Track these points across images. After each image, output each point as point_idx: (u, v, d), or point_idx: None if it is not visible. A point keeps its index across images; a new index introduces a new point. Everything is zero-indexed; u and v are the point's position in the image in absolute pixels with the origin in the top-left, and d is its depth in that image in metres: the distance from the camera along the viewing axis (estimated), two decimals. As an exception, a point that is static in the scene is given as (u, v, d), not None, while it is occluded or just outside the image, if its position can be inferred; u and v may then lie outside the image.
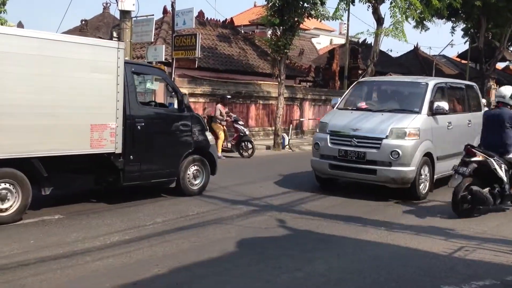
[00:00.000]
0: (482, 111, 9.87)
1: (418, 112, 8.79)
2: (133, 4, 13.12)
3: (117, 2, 12.87)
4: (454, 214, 7.53)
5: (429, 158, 8.80)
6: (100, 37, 21.13)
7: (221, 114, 14.26)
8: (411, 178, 8.40)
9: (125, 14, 13.21)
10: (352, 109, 9.53)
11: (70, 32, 23.49)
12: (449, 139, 9.35)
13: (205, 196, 8.54)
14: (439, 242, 6.13)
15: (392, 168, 8.30)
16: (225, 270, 5.01)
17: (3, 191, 6.40)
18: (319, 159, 9.06)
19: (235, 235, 6.25)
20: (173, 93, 8.97)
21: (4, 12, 20.45)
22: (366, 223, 7.04)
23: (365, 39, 31.80)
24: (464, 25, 32.93)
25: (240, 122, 14.83)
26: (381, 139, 8.38)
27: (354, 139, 8.55)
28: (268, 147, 16.71)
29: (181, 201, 8.18)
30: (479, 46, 32.40)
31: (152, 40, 16.23)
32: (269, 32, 20.01)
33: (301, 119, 21.46)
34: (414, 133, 8.48)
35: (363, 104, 9.60)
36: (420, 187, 8.63)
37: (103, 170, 7.64)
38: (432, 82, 9.46)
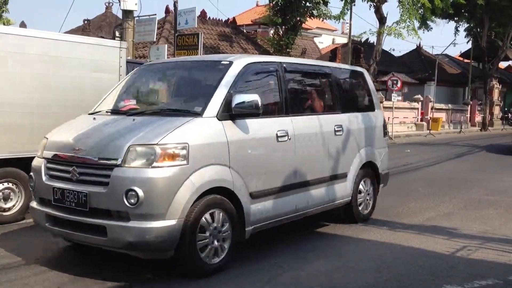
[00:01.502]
0: (378, 110, 7.48)
1: (199, 114, 4.83)
2: (136, 4, 13.14)
3: (119, 2, 12.89)
4: (457, 213, 7.53)
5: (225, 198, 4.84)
6: (103, 37, 21.16)
7: None
8: (171, 241, 4.47)
9: (127, 13, 13.24)
10: (108, 112, 5.56)
11: (72, 31, 23.54)
12: (284, 160, 5.55)
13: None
14: (442, 242, 6.12)
15: (129, 223, 4.36)
16: (226, 269, 5.00)
17: (6, 190, 6.43)
18: (37, 205, 5.08)
19: (237, 235, 6.23)
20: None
21: (6, 12, 20.50)
22: (368, 222, 7.03)
23: (367, 39, 31.85)
24: (467, 25, 32.86)
25: None
26: (110, 167, 4.47)
27: (75, 167, 4.70)
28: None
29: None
30: (481, 45, 32.34)
31: (155, 40, 16.27)
32: (272, 32, 20.04)
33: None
34: (176, 154, 4.48)
35: (127, 103, 5.74)
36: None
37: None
38: (241, 61, 5.41)
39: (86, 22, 22.58)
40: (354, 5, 20.39)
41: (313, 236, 6.34)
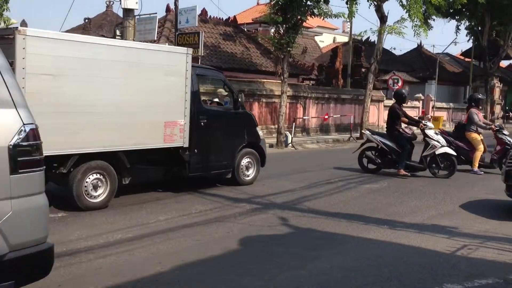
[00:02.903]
0: None
1: None
2: (136, 2, 13.15)
3: (120, 1, 12.90)
4: (457, 212, 7.55)
5: None
6: (103, 35, 21.15)
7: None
8: None
9: (128, 12, 13.25)
10: None
11: (73, 30, 23.52)
12: None
13: (207, 194, 8.56)
14: (442, 241, 6.12)
15: None
16: (227, 268, 5.02)
17: (95, 180, 7.27)
18: None
19: (238, 233, 6.25)
20: (229, 93, 9.77)
21: (7, 10, 20.51)
22: (368, 221, 7.04)
23: (368, 37, 31.80)
24: (468, 23, 32.81)
25: (505, 132, 12.11)
26: None
27: None
28: (271, 145, 16.72)
29: (184, 199, 8.20)
30: (483, 44, 32.30)
31: (155, 38, 16.26)
32: (272, 30, 20.01)
33: (304, 117, 21.45)
34: None
35: None
36: None
37: (172, 162, 8.55)
38: None
39: (86, 20, 22.57)
40: (359, 2, 20.31)
41: (314, 235, 6.34)
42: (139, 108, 7.64)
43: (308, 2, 17.84)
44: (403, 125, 11.79)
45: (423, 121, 11.79)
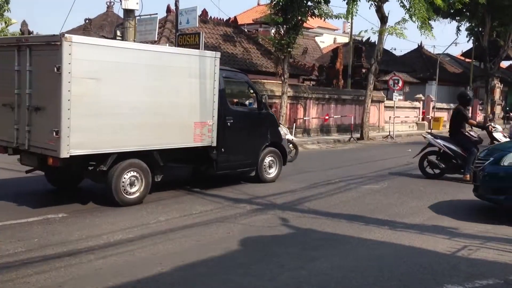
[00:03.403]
0: None
1: None
2: (137, 3, 13.14)
3: (120, 1, 12.89)
4: (458, 213, 7.54)
5: None
6: (104, 36, 21.16)
7: None
8: None
9: (128, 13, 13.23)
10: None
11: (73, 31, 23.52)
12: None
13: (208, 195, 8.57)
14: (443, 241, 6.12)
15: None
16: (228, 268, 5.02)
17: (132, 178, 7.65)
18: None
19: (238, 234, 6.26)
20: (254, 94, 10.22)
21: (8, 11, 20.51)
22: (369, 222, 7.04)
23: (368, 38, 31.83)
24: (469, 24, 32.81)
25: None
26: None
27: None
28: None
29: (184, 199, 8.20)
30: (483, 45, 32.30)
31: (156, 39, 16.24)
32: (273, 31, 20.01)
33: (305, 118, 21.45)
34: None
35: None
36: None
37: (200, 161, 8.98)
38: None
39: (87, 21, 22.57)
40: (359, 2, 20.28)
41: (314, 236, 6.34)
42: (171, 109, 8.06)
43: (309, 3, 17.85)
44: (467, 128, 11.29)
45: (492, 124, 11.57)
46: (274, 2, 17.59)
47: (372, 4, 20.40)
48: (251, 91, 10.29)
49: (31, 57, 7.20)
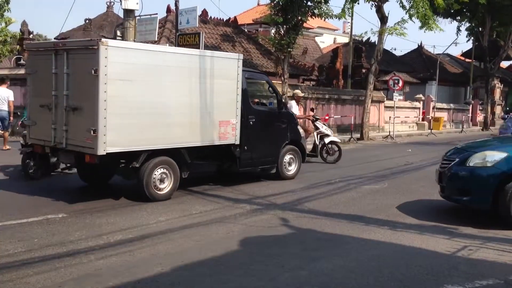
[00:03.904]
0: None
1: None
2: (137, 3, 13.13)
3: (120, 1, 12.88)
4: (458, 213, 7.53)
5: None
6: (104, 36, 21.16)
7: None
8: None
9: (128, 13, 13.23)
10: None
11: (73, 31, 23.54)
12: None
13: (208, 195, 8.56)
14: (443, 241, 6.12)
15: None
16: (228, 268, 5.02)
17: (162, 174, 8.02)
18: None
19: (238, 234, 6.25)
20: (273, 94, 10.55)
21: (8, 11, 20.50)
22: (369, 222, 7.03)
23: (368, 38, 31.81)
24: (469, 24, 32.79)
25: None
26: None
27: None
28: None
29: (184, 200, 8.20)
30: (483, 45, 32.29)
31: (156, 39, 16.25)
32: (273, 31, 20.01)
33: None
34: None
35: None
36: None
37: (224, 158, 9.38)
38: None
39: (87, 21, 22.58)
40: (358, 3, 20.27)
41: (315, 236, 6.34)
42: (198, 109, 8.47)
43: (309, 3, 17.84)
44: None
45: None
46: (274, 2, 17.60)
47: (372, 4, 20.40)
48: (271, 91, 10.63)
49: (68, 61, 7.60)
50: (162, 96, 7.93)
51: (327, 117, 22.41)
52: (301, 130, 10.87)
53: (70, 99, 7.62)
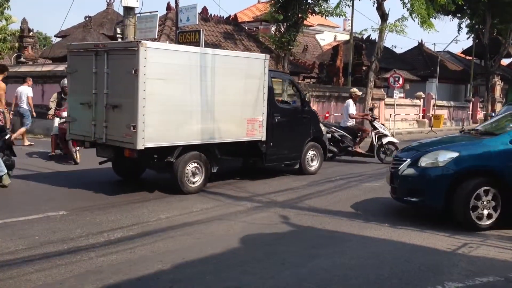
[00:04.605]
0: None
1: None
2: (137, 1, 13.13)
3: (120, -1, 12.87)
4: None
5: None
6: (104, 34, 21.15)
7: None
8: None
9: (128, 10, 13.23)
10: None
11: (74, 28, 23.51)
12: None
13: (209, 192, 8.57)
14: (443, 239, 6.12)
15: None
16: (229, 266, 5.02)
17: (194, 168, 8.45)
18: None
19: (239, 231, 6.26)
20: (297, 92, 11.03)
21: (8, 8, 20.48)
22: (369, 219, 7.04)
23: (369, 35, 31.76)
24: (469, 21, 32.74)
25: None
26: None
27: None
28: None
29: (185, 197, 8.20)
30: (484, 42, 32.24)
31: (156, 37, 16.23)
32: (273, 29, 20.00)
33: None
34: None
35: None
36: None
37: (250, 154, 9.78)
38: None
39: (87, 19, 22.52)
40: (359, 0, 20.28)
41: (315, 233, 6.35)
42: (228, 106, 8.87)
43: (309, 0, 17.82)
44: None
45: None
46: (274, -1, 17.57)
47: (374, 2, 20.36)
48: (295, 89, 11.03)
49: (108, 61, 8.03)
50: (194, 95, 8.31)
51: (327, 115, 22.44)
52: (322, 128, 11.21)
53: (110, 97, 8.03)
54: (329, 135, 12.11)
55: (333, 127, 12.85)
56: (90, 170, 10.29)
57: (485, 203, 6.51)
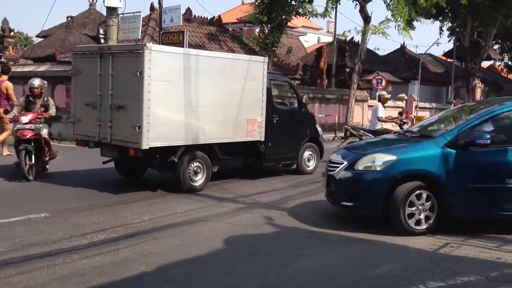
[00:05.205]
0: None
1: None
2: (120, 1, 13.05)
3: (104, -1, 12.78)
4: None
5: None
6: (86, 34, 20.93)
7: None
8: None
9: (111, 10, 13.14)
10: None
11: (55, 28, 23.23)
12: None
13: (193, 194, 8.54)
14: (425, 239, 6.19)
15: None
16: (213, 267, 5.01)
17: (196, 168, 8.73)
18: None
19: (223, 233, 6.25)
20: (294, 94, 11.28)
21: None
22: (354, 220, 7.08)
23: (352, 37, 32.04)
24: (451, 24, 33.18)
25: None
26: None
27: None
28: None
29: (169, 199, 8.17)
30: (464, 45, 32.69)
31: (139, 37, 16.13)
32: (257, 30, 20.03)
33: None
34: None
35: None
36: None
37: (249, 154, 10.05)
38: None
39: (69, 19, 22.27)
40: (339, 3, 20.42)
41: (299, 234, 6.37)
42: (229, 107, 9.13)
43: (293, 2, 17.89)
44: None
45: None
46: (258, 1, 17.61)
47: (356, 4, 20.53)
48: (292, 91, 11.33)
49: (113, 63, 8.26)
50: (197, 96, 8.54)
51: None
52: (319, 129, 11.48)
53: (115, 98, 8.25)
54: (357, 139, 12.14)
55: (361, 131, 12.87)
56: (72, 172, 10.19)
57: (420, 207, 6.30)
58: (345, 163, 6.73)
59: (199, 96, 8.60)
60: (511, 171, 6.31)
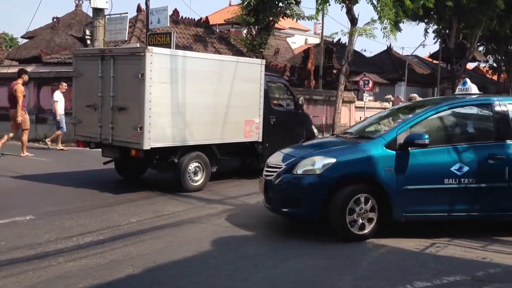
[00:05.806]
0: None
1: None
2: (106, 2, 12.98)
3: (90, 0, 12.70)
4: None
5: None
6: (72, 35, 20.76)
7: None
8: None
9: (98, 11, 13.07)
10: None
11: (41, 29, 23.01)
12: None
13: (180, 196, 8.51)
14: (411, 239, 6.22)
15: None
16: (201, 269, 5.00)
17: (196, 168, 8.92)
18: None
19: (211, 234, 6.24)
20: (290, 96, 11.47)
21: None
22: (340, 221, 7.09)
23: (339, 39, 32.18)
24: (436, 26, 33.49)
25: None
26: None
27: None
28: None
29: (156, 200, 8.13)
30: (450, 47, 33.02)
31: (126, 39, 16.06)
32: (245, 31, 20.04)
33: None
34: None
35: None
36: None
37: (247, 155, 10.23)
38: None
39: (55, 20, 22.07)
40: (329, 5, 20.44)
41: (287, 235, 6.38)
42: (227, 109, 9.27)
43: (280, 4, 17.93)
44: None
45: None
46: (245, 2, 17.62)
47: (343, 6, 20.62)
48: (289, 93, 11.49)
49: (115, 65, 8.41)
50: (197, 97, 8.72)
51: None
52: (314, 130, 11.71)
53: (116, 99, 8.42)
54: None
55: None
56: (58, 174, 10.11)
57: (361, 211, 6.04)
58: (284, 166, 6.37)
59: (198, 98, 8.76)
60: (450, 171, 6.17)
